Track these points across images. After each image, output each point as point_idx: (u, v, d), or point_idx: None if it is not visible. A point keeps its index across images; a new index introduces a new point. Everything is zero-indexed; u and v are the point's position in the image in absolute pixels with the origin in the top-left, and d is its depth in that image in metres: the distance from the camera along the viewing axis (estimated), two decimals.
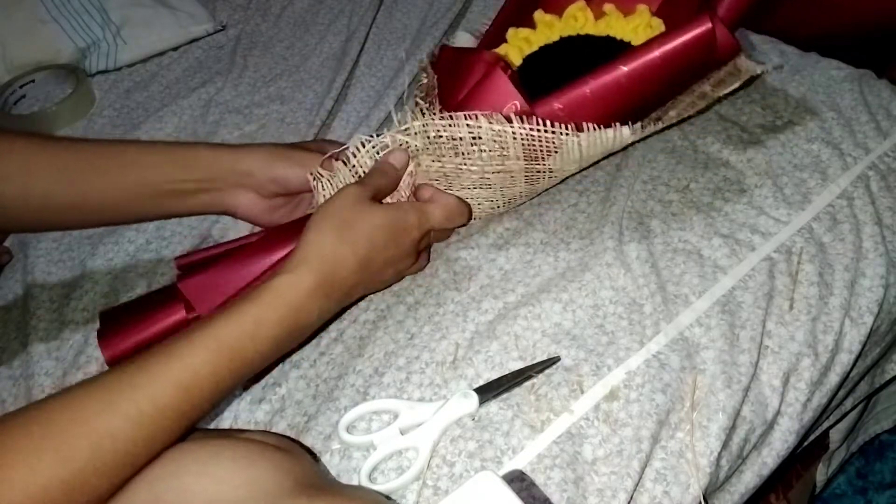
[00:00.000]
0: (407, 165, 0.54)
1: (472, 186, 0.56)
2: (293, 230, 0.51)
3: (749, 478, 0.51)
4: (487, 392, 0.49)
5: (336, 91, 0.78)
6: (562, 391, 0.49)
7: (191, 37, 0.90)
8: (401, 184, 0.54)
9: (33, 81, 0.83)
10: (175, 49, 0.90)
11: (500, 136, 0.51)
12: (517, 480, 0.45)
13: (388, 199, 0.54)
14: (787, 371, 0.51)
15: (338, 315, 0.56)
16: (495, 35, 0.67)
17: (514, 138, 0.51)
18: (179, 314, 0.50)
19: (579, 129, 0.52)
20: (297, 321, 0.44)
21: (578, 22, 0.66)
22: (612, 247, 0.58)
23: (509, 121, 0.51)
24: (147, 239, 0.65)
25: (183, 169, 0.52)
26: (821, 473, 0.83)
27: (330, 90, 0.79)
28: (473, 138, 0.51)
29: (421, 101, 0.56)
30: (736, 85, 0.56)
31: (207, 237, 0.64)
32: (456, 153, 0.53)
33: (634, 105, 0.53)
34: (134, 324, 0.50)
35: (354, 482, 0.46)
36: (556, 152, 0.53)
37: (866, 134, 0.67)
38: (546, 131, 0.51)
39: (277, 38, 0.90)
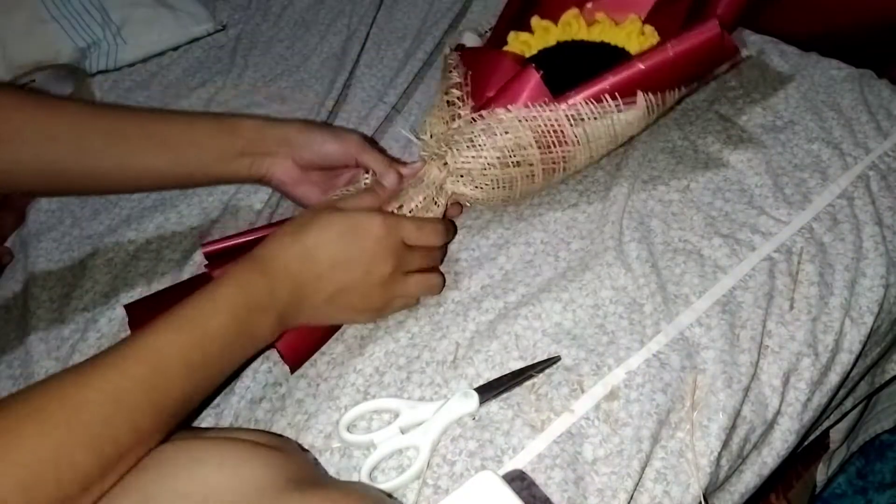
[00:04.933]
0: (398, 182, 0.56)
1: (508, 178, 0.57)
2: None
3: (749, 477, 0.51)
4: (488, 391, 0.49)
5: (336, 91, 0.78)
6: (562, 391, 0.49)
7: (191, 37, 0.90)
8: (430, 194, 0.56)
9: (33, 81, 0.83)
10: (175, 49, 0.90)
11: (540, 126, 0.54)
12: (517, 480, 0.45)
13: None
14: (788, 371, 0.51)
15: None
16: (497, 37, 0.71)
17: (549, 126, 0.54)
18: None
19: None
20: (248, 327, 0.44)
21: (573, 28, 0.71)
22: (612, 246, 0.58)
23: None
24: (147, 239, 0.65)
25: (230, 135, 0.56)
26: (821, 473, 0.83)
27: (330, 90, 0.78)
28: (508, 131, 0.54)
29: (455, 93, 0.58)
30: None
31: (207, 237, 0.64)
32: (494, 147, 0.54)
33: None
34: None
35: (355, 481, 0.46)
36: (580, 140, 0.56)
37: (866, 134, 0.67)
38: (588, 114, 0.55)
39: (277, 38, 0.90)
